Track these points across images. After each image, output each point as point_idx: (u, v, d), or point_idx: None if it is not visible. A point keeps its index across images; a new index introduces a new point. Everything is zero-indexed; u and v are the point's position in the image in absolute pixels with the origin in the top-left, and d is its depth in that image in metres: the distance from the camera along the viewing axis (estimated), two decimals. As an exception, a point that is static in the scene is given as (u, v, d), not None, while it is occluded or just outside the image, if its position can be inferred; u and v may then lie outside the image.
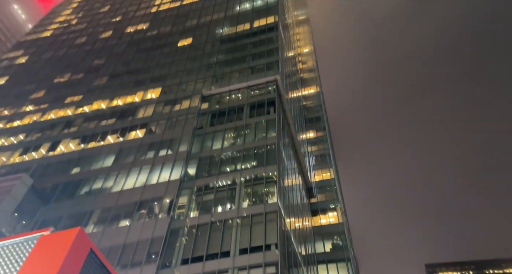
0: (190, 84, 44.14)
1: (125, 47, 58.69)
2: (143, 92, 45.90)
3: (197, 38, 54.62)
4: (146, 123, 40.60)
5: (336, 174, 54.40)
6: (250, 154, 33.29)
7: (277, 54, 45.50)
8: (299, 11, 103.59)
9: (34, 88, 54.23)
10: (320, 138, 59.87)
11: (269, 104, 38.48)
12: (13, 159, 41.65)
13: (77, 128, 43.78)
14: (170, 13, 65.49)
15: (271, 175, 31.15)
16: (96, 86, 50.73)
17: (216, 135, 35.92)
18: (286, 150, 38.11)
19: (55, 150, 41.39)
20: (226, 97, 40.96)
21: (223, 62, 47.07)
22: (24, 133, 45.29)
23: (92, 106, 46.84)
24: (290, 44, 66.58)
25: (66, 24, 74.20)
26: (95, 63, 56.91)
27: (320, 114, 64.20)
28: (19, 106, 50.84)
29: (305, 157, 50.14)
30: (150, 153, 36.38)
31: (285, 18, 66.51)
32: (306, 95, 69.52)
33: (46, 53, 64.27)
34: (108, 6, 77.27)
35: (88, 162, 38.45)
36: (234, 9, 59.72)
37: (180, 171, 33.04)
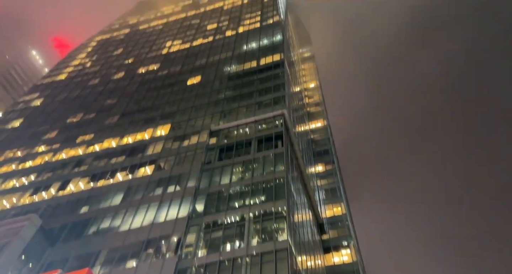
0: (199, 120, 44.80)
1: (136, 87, 60.70)
2: (152, 129, 46.62)
3: (205, 76, 56.33)
4: (155, 159, 40.77)
5: (348, 209, 52.88)
6: (258, 189, 32.74)
7: (284, 89, 46.31)
8: (304, 49, 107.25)
9: (47, 129, 55.65)
10: (329, 171, 59.09)
11: (277, 138, 38.47)
12: (23, 200, 41.71)
13: (87, 166, 44.13)
14: (180, 54, 68.31)
15: (280, 210, 30.34)
16: (107, 124, 51.84)
17: (224, 170, 35.69)
18: (295, 184, 37.44)
19: (65, 190, 41.45)
20: (234, 132, 41.21)
21: (231, 98, 48.01)
22: (35, 174, 45.74)
23: (102, 144, 47.52)
24: (296, 80, 68.08)
25: (81, 67, 77.72)
26: (107, 103, 58.64)
27: (328, 147, 63.89)
28: (32, 147, 51.89)
29: (314, 191, 49.15)
30: (158, 189, 36.12)
31: (291, 55, 68.63)
32: (313, 128, 69.76)
33: (60, 95, 66.75)
34: (121, 49, 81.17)
35: (97, 201, 38.24)
36: (241, 48, 62.03)
37: (188, 207, 32.49)
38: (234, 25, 73.59)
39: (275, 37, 61.56)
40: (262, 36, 63.53)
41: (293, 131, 43.65)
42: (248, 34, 66.17)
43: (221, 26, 75.37)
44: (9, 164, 48.83)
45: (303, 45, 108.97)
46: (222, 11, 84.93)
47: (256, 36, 64.45)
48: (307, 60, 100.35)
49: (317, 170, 59.30)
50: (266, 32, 64.55)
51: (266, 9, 74.84)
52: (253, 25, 69.68)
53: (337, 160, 62.47)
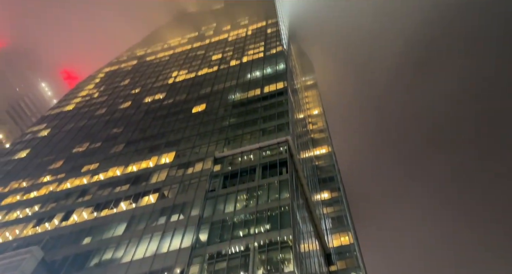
0: (203, 147, 44.89)
1: (142, 116, 61.57)
2: (157, 157, 46.67)
3: (210, 104, 57.13)
4: (159, 188, 40.45)
5: (355, 238, 51.32)
6: (263, 217, 32.04)
7: (287, 116, 46.64)
8: (307, 77, 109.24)
9: (53, 159, 55.97)
10: (335, 199, 58.00)
11: (281, 165, 38.20)
12: (26, 232, 41.12)
13: (91, 196, 43.82)
14: (185, 83, 69.83)
15: (286, 239, 29.47)
16: (112, 153, 52.07)
17: (228, 198, 35.19)
18: (300, 212, 36.64)
19: (68, 220, 40.93)
20: (238, 159, 41.09)
21: (235, 125, 48.35)
22: (40, 204, 45.42)
23: (107, 173, 47.48)
24: (299, 107, 68.75)
25: (88, 98, 79.45)
26: (113, 132, 59.27)
27: (333, 174, 63.14)
28: (37, 177, 51.92)
29: (321, 219, 48.01)
30: (161, 218, 35.51)
31: (294, 83, 69.78)
32: (318, 155, 69.37)
33: (67, 125, 67.78)
34: (128, 80, 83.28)
35: (100, 231, 37.59)
36: (246, 77, 63.35)
37: (192, 237, 31.72)
38: (238, 55, 75.62)
39: (279, 66, 62.92)
40: (265, 65, 65.02)
41: (298, 157, 43.41)
42: (252, 64, 67.78)
43: (226, 56, 77.47)
44: (14, 195, 48.70)
45: (306, 74, 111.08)
46: (227, 42, 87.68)
47: (260, 65, 65.98)
48: (310, 87, 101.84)
49: (322, 197, 58.27)
50: (269, 61, 66.11)
51: (270, 40, 77.12)
52: (257, 55, 71.56)
53: (343, 187, 61.46)
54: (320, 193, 58.25)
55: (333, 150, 70.24)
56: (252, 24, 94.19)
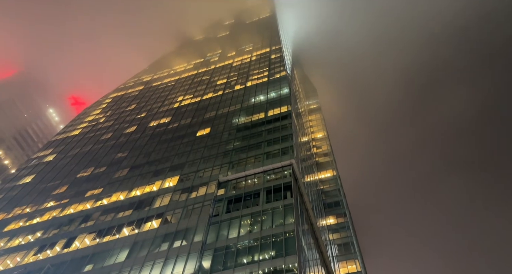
0: (207, 171, 44.62)
1: (147, 140, 61.89)
2: (161, 181, 46.39)
3: (214, 128, 57.41)
4: (162, 212, 39.90)
5: (363, 266, 49.65)
6: (267, 243, 31.22)
7: (291, 139, 46.54)
8: (310, 101, 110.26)
9: (57, 184, 55.89)
10: (342, 224, 56.69)
11: (286, 189, 37.70)
12: (27, 259, 40.39)
13: (94, 222, 43.27)
14: (190, 107, 70.63)
15: (291, 267, 28.53)
16: (116, 178, 51.91)
17: (232, 223, 34.50)
18: (306, 238, 35.71)
19: (70, 247, 40.22)
20: (242, 183, 40.66)
21: (239, 149, 48.26)
22: (42, 230, 44.87)
23: (111, 198, 47.12)
24: (303, 130, 68.82)
25: (95, 123, 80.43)
26: (118, 156, 59.41)
27: (339, 199, 62.11)
28: (41, 203, 51.63)
29: (327, 246, 46.71)
30: (164, 245, 34.75)
31: (298, 107, 70.26)
32: (323, 178, 68.61)
33: (72, 150, 68.22)
34: (134, 105, 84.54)
35: (102, 258, 36.78)
36: (250, 101, 63.98)
37: (195, 264, 30.84)
38: (242, 80, 76.85)
39: (282, 90, 63.61)
40: (269, 89, 65.79)
41: (302, 181, 42.88)
42: (256, 88, 68.66)
43: (230, 81, 78.75)
44: (17, 221, 48.26)
45: (309, 98, 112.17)
46: (232, 67, 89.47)
47: (263, 89, 66.77)
48: (314, 111, 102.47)
49: (328, 222, 57.01)
50: (273, 85, 66.95)
51: (273, 65, 78.52)
52: (261, 79, 72.64)
53: (349, 213, 60.19)
54: (325, 218, 57.04)
55: (338, 174, 69.46)
56: (256, 50, 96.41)
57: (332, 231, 56.00)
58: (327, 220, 57.77)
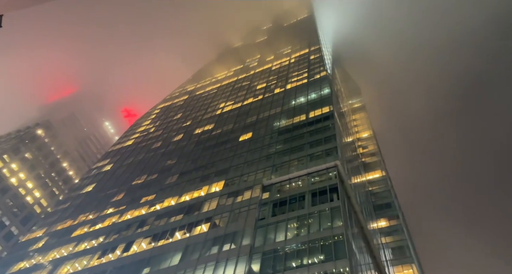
0: (251, 175, 45.32)
1: (193, 147, 64.41)
2: (208, 186, 47.99)
3: (256, 132, 58.19)
4: (210, 217, 41.25)
5: (420, 270, 47.04)
6: (316, 247, 30.94)
7: (335, 140, 45.73)
8: (353, 100, 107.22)
9: (115, 192, 60.07)
10: (394, 227, 54.13)
11: (332, 191, 37.09)
12: (92, 262, 43.77)
13: (149, 226, 45.88)
14: (232, 113, 72.30)
15: (342, 271, 28.01)
16: (167, 184, 54.62)
17: (278, 226, 34.70)
18: (356, 242, 34.81)
19: (129, 251, 42.98)
20: (286, 186, 40.74)
21: (281, 152, 48.41)
22: (104, 235, 48.46)
23: (163, 203, 49.67)
24: (347, 130, 67.14)
25: (146, 133, 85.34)
26: (167, 164, 62.49)
27: (390, 200, 59.42)
28: (102, 210, 55.84)
29: (379, 250, 44.99)
30: (214, 248, 35.88)
31: (340, 107, 68.80)
32: (371, 180, 66.15)
33: (127, 159, 72.95)
34: (180, 114, 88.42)
35: (157, 261, 38.87)
36: (290, 103, 63.93)
37: (244, 267, 31.48)
38: (282, 83, 77.05)
39: (323, 90, 62.76)
40: (310, 90, 65.24)
41: (349, 183, 41.89)
42: (296, 90, 68.46)
43: (270, 85, 79.32)
44: (82, 227, 52.63)
45: (352, 97, 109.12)
46: (271, 71, 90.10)
47: (304, 91, 66.38)
48: (358, 110, 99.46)
49: (379, 225, 54.83)
50: (313, 86, 66.30)
51: (313, 66, 77.75)
52: (301, 81, 72.29)
53: (402, 215, 57.36)
54: (376, 221, 54.99)
55: (388, 174, 66.61)
56: (295, 52, 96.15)
57: (384, 234, 53.81)
58: (379, 222, 55.65)
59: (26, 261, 49.09)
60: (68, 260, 45.43)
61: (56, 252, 48.11)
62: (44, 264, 46.51)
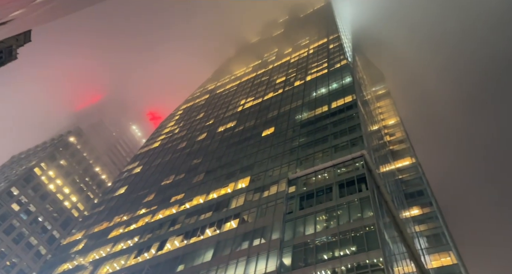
0: (276, 170, 45.32)
1: (217, 145, 65.19)
2: (234, 183, 48.48)
3: (278, 127, 58.02)
4: (238, 213, 41.71)
5: (459, 258, 45.40)
6: (347, 238, 30.60)
7: (360, 129, 44.81)
8: (377, 87, 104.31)
9: (146, 193, 61.95)
10: (428, 215, 52.45)
11: (360, 181, 36.45)
12: (129, 262, 45.50)
13: (180, 225, 47.05)
14: (253, 109, 72.39)
15: (376, 262, 27.56)
16: (195, 183, 55.69)
17: (307, 219, 34.56)
18: (389, 232, 34.08)
19: (163, 249, 44.31)
20: (312, 178, 40.44)
21: (305, 145, 48.03)
22: (138, 235, 50.21)
23: (192, 202, 50.73)
24: (372, 119, 65.54)
25: (170, 134, 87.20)
26: (193, 163, 63.65)
27: (422, 188, 57.57)
28: (135, 211, 57.80)
29: (413, 238, 43.81)
30: (244, 243, 36.30)
31: (363, 95, 67.19)
32: (400, 167, 64.29)
33: (155, 161, 74.93)
34: (202, 113, 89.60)
35: (191, 258, 39.85)
36: (311, 95, 63.16)
37: (276, 261, 31.66)
38: (301, 75, 76.20)
39: (344, 79, 61.52)
40: (330, 81, 64.14)
41: (377, 172, 40.98)
42: (317, 81, 67.50)
43: (289, 78, 78.66)
44: (118, 229, 54.75)
45: (376, 83, 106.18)
46: (289, 64, 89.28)
47: (324, 81, 65.35)
48: (383, 97, 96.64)
49: (412, 213, 53.35)
50: (334, 76, 65.11)
51: (332, 55, 76.31)
52: (321, 72, 71.19)
53: (435, 201, 55.49)
54: (408, 209, 53.55)
55: (418, 161, 64.51)
56: (313, 43, 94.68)
57: (418, 223, 52.34)
58: (411, 211, 54.16)
59: (69, 262, 51.74)
60: (107, 260, 47.45)
61: (95, 253, 50.36)
62: (85, 265, 48.85)
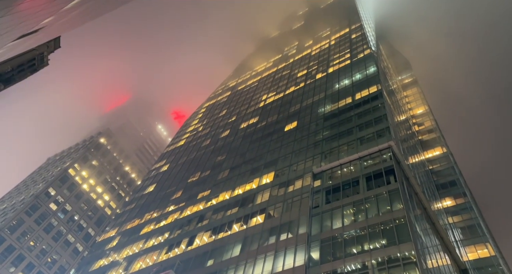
0: (300, 164, 44.99)
1: (240, 141, 65.53)
2: (258, 179, 48.62)
3: (301, 121, 57.47)
4: (264, 208, 41.84)
5: (497, 249, 43.41)
6: (376, 232, 29.97)
7: (386, 120, 43.59)
8: (403, 75, 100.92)
9: (174, 190, 63.40)
10: (462, 205, 50.38)
11: (388, 173, 35.53)
12: (161, 257, 46.89)
13: (208, 221, 47.89)
14: (275, 104, 72.08)
15: (407, 255, 26.86)
16: (220, 179, 56.37)
17: (334, 213, 34.14)
18: (420, 224, 33.09)
19: (193, 245, 45.31)
20: (338, 172, 39.82)
21: (329, 138, 47.33)
22: (168, 232, 51.58)
23: (218, 198, 51.44)
24: (399, 108, 63.53)
25: (195, 132, 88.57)
26: (218, 160, 64.41)
27: (454, 178, 55.29)
28: (164, 208, 59.37)
29: (447, 230, 42.31)
30: (271, 238, 36.42)
31: (389, 84, 65.20)
32: (430, 158, 61.99)
33: (181, 159, 76.43)
34: (225, 110, 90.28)
35: (220, 253, 40.51)
36: (334, 87, 62.04)
37: (304, 255, 31.56)
38: (323, 67, 74.95)
39: (368, 69, 59.94)
40: (354, 71, 62.70)
41: (406, 163, 39.76)
42: (339, 73, 66.20)
43: (311, 71, 77.59)
44: (149, 225, 56.47)
45: (402, 72, 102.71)
46: (310, 57, 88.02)
47: (347, 72, 63.97)
48: (410, 85, 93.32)
49: (445, 205, 51.46)
50: (357, 66, 63.59)
51: (355, 45, 74.47)
52: (343, 63, 69.72)
53: (469, 192, 53.19)
54: (441, 201, 51.70)
55: (449, 150, 61.99)
56: (334, 34, 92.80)
57: (451, 214, 50.46)
58: (443, 202, 52.28)
59: (105, 259, 54.00)
60: (140, 256, 49.11)
61: (129, 250, 52.23)
62: (120, 261, 50.80)
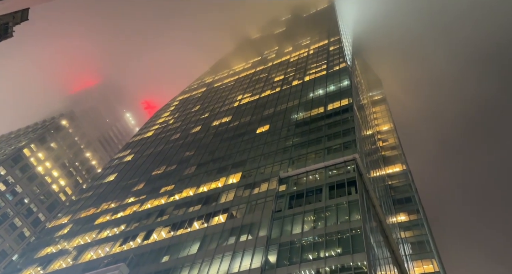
0: (268, 167, 45.51)
1: (211, 138, 65.10)
2: (225, 178, 48.56)
3: (273, 125, 58.14)
4: (227, 208, 41.84)
5: (441, 266, 46.31)
6: (333, 240, 30.95)
7: (354, 133, 45.17)
8: (374, 92, 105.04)
9: (136, 182, 61.68)
10: (414, 222, 53.31)
11: (350, 184, 36.83)
12: (114, 249, 45.39)
13: (168, 216, 47.03)
14: (249, 106, 72.35)
15: (360, 265, 27.95)
16: (186, 175, 55.61)
17: (295, 219, 34.85)
18: (375, 236, 34.56)
19: (149, 239, 44.29)
20: (303, 179, 40.71)
21: (298, 145, 48.28)
22: (125, 224, 50.07)
23: (182, 194, 50.71)
24: (367, 123, 66.06)
25: (165, 124, 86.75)
26: (186, 155, 63.51)
27: (410, 195, 58.41)
28: (123, 199, 57.56)
29: (398, 244, 44.50)
30: (231, 238, 36.48)
31: (360, 99, 67.56)
32: (391, 173, 65.06)
33: (147, 150, 74.55)
34: (198, 106, 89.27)
35: (177, 250, 39.93)
36: (308, 96, 63.36)
37: (261, 258, 31.90)
38: (300, 75, 76.33)
39: (342, 82, 61.81)
40: (328, 82, 64.38)
41: (368, 176, 41.42)
42: (315, 82, 67.70)
43: (288, 77, 78.75)
44: (105, 216, 54.49)
45: (373, 89, 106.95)
46: (289, 63, 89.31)
47: (322, 83, 65.57)
48: (379, 102, 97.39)
49: (399, 219, 54.12)
50: (332, 78, 65.36)
51: (332, 58, 76.49)
52: (319, 73, 71.37)
53: (422, 209, 56.33)
54: (396, 215, 54.28)
55: (408, 168, 65.33)
56: (314, 43, 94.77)
57: (404, 229, 53.19)
58: (398, 217, 54.94)
59: (53, 246, 51.43)
60: (92, 246, 47.28)
61: (80, 239, 50.12)
62: (69, 250, 48.61)
